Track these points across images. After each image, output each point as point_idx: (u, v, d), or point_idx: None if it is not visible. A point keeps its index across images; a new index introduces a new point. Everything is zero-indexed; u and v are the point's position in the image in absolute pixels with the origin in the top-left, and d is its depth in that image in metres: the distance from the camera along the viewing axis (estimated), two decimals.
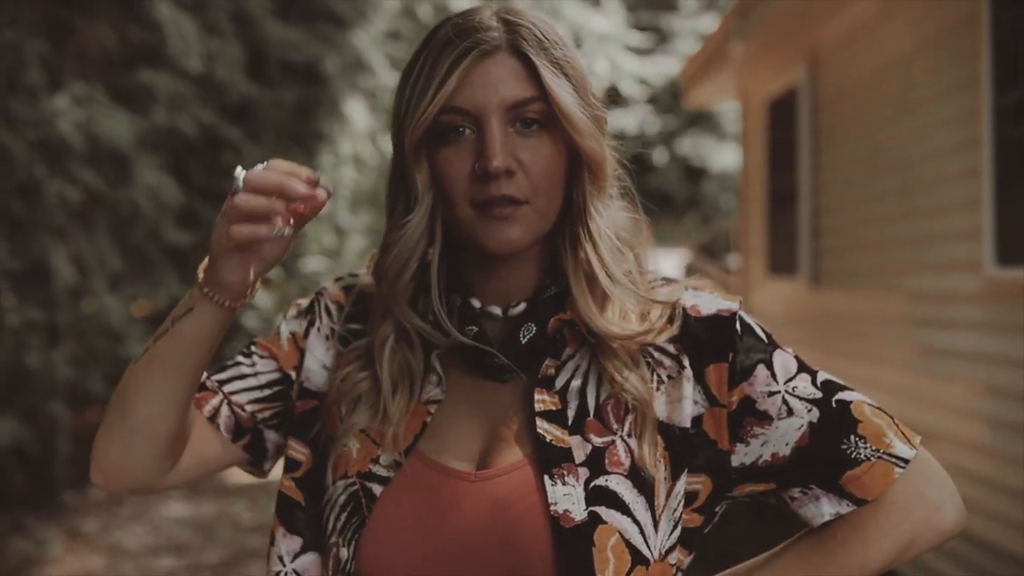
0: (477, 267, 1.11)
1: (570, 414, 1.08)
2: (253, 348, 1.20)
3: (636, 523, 1.04)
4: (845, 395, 1.09)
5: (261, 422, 1.18)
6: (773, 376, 1.08)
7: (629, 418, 1.08)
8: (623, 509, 1.04)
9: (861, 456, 1.07)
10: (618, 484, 1.05)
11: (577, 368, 1.10)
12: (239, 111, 6.84)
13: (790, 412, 1.07)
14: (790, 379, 1.08)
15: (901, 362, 5.05)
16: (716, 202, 21.89)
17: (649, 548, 1.05)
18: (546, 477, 1.04)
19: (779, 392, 1.08)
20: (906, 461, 1.07)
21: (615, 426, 1.07)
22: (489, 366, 1.09)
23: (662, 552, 1.06)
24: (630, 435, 1.07)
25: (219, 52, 6.23)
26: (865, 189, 5.63)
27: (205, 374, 1.16)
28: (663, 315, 1.09)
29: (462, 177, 1.05)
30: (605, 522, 1.04)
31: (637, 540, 1.04)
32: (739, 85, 8.13)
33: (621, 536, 1.04)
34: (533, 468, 1.06)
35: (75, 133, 5.20)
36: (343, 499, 1.10)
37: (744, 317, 1.10)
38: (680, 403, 1.08)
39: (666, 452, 1.07)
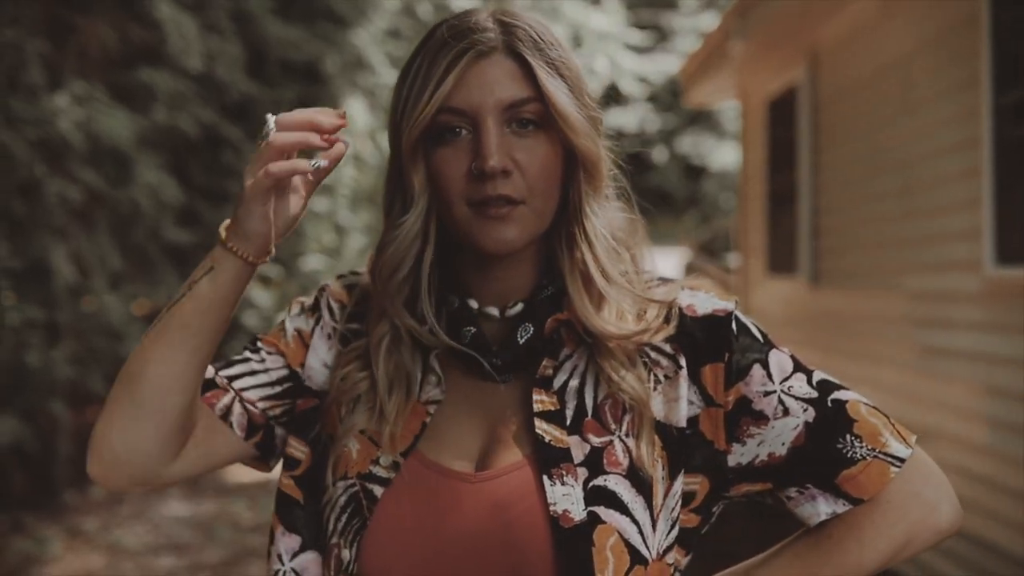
0: (474, 267, 1.11)
1: (568, 414, 1.08)
2: (259, 344, 1.19)
3: (635, 523, 1.05)
4: (841, 394, 1.09)
5: (272, 419, 1.17)
6: (769, 376, 1.08)
7: (627, 418, 1.08)
8: (622, 509, 1.05)
9: (857, 455, 1.07)
10: (617, 484, 1.05)
11: (575, 368, 1.10)
12: (239, 110, 6.83)
13: (786, 412, 1.08)
14: (786, 379, 1.09)
15: (901, 362, 5.05)
16: (716, 201, 21.89)
17: (648, 548, 1.05)
18: (545, 477, 1.05)
19: (775, 392, 1.08)
20: (902, 460, 1.07)
21: (613, 426, 1.08)
22: (486, 366, 1.09)
23: (660, 552, 1.06)
24: (628, 435, 1.07)
25: (219, 51, 6.23)
26: (865, 189, 5.63)
27: (212, 369, 1.15)
28: (659, 315, 1.09)
29: (459, 177, 1.05)
30: (604, 522, 1.04)
31: (636, 540, 1.04)
32: (739, 84, 8.13)
33: (620, 536, 1.04)
34: (532, 468, 1.06)
35: (75, 132, 5.20)
36: (343, 500, 1.10)
37: (740, 317, 1.11)
38: (676, 403, 1.08)
39: (663, 452, 1.08)
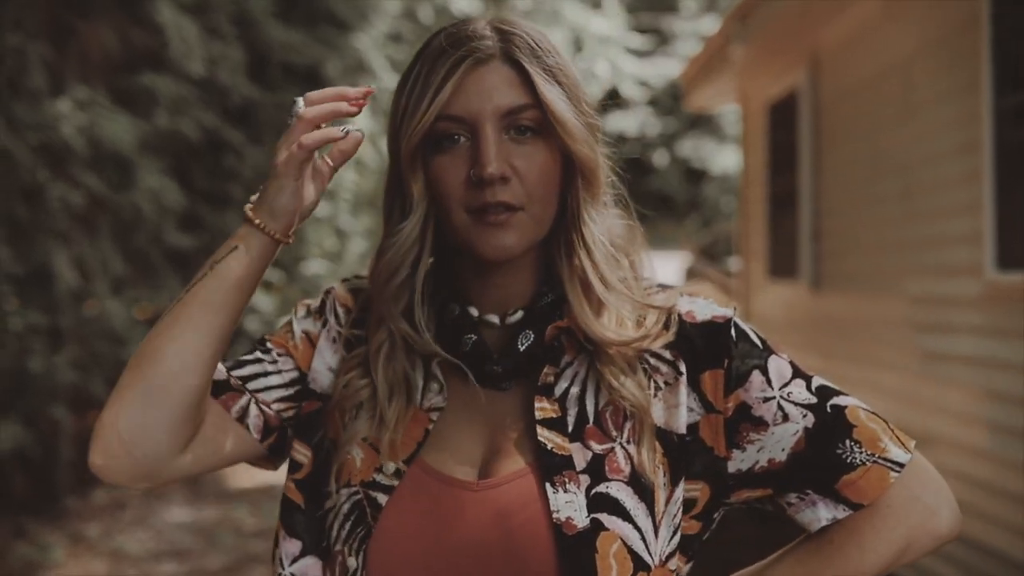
0: (473, 275, 1.12)
1: (570, 421, 1.08)
2: (269, 345, 1.18)
3: (637, 529, 1.05)
4: (840, 400, 1.10)
5: (285, 421, 1.16)
6: (768, 382, 1.09)
7: (628, 425, 1.08)
8: (624, 516, 1.05)
9: (857, 461, 1.07)
10: (619, 491, 1.06)
11: (576, 375, 1.11)
12: (241, 114, 6.84)
13: (785, 418, 1.08)
14: (785, 384, 1.09)
15: (902, 366, 5.05)
16: (717, 204, 21.89)
17: (650, 554, 1.05)
18: (548, 485, 1.05)
19: (774, 398, 1.08)
20: (901, 465, 1.08)
21: (614, 433, 1.08)
22: (488, 374, 1.10)
23: (662, 558, 1.07)
24: (629, 442, 1.08)
25: (221, 55, 6.24)
26: (866, 192, 5.63)
27: (223, 369, 1.14)
28: (659, 321, 1.10)
29: (458, 184, 1.05)
30: (607, 529, 1.04)
31: (639, 546, 1.05)
32: (739, 88, 8.14)
33: (623, 542, 1.04)
34: (535, 476, 1.06)
35: (77, 137, 5.21)
36: (347, 508, 1.10)
37: (739, 323, 1.11)
38: (677, 409, 1.09)
39: (664, 458, 1.08)
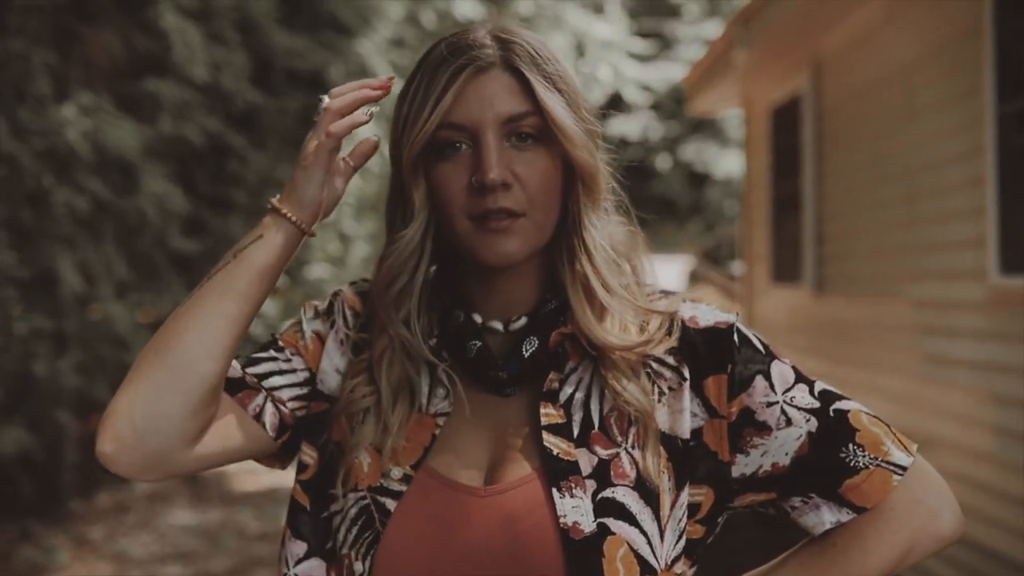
0: (477, 282, 1.13)
1: (575, 427, 1.09)
2: (281, 344, 1.18)
3: (643, 534, 1.06)
4: (842, 404, 1.11)
5: (299, 420, 1.17)
6: (771, 387, 1.10)
7: (632, 430, 1.09)
8: (631, 520, 1.06)
9: (860, 464, 1.08)
10: (625, 495, 1.06)
11: (580, 381, 1.11)
12: (244, 119, 6.85)
13: (789, 422, 1.09)
14: (788, 389, 1.10)
15: (905, 370, 5.06)
16: (720, 208, 21.88)
17: (656, 558, 1.06)
18: (555, 490, 1.06)
19: (777, 402, 1.09)
20: (904, 469, 1.09)
21: (619, 438, 1.09)
22: (493, 380, 1.11)
23: (668, 562, 1.07)
24: (634, 447, 1.08)
25: (224, 60, 6.25)
26: (869, 196, 5.64)
27: (238, 366, 1.15)
28: (662, 326, 1.11)
29: (459, 190, 1.07)
30: (614, 533, 1.05)
31: (645, 550, 1.06)
32: (742, 92, 8.15)
33: (629, 547, 1.05)
34: (541, 481, 1.07)
35: (82, 142, 5.22)
36: (354, 512, 1.11)
37: (741, 329, 1.12)
38: (681, 414, 1.10)
39: (669, 463, 1.09)
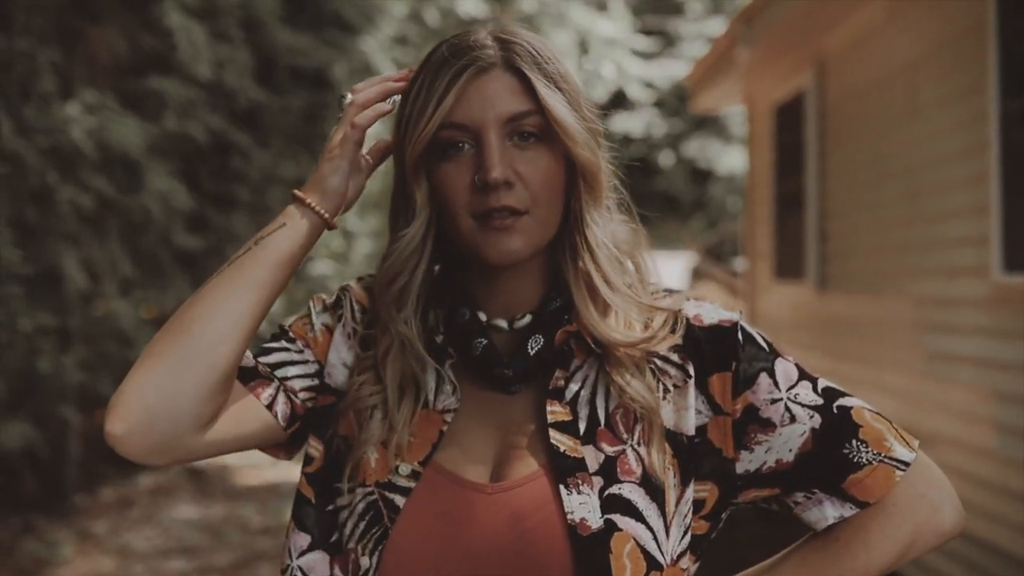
0: (480, 280, 1.14)
1: (581, 424, 1.10)
2: (292, 334, 1.18)
3: (650, 530, 1.07)
4: (845, 401, 1.12)
5: (308, 411, 1.17)
6: (775, 384, 1.11)
7: (638, 427, 1.10)
8: (637, 516, 1.07)
9: (863, 460, 1.09)
10: (631, 492, 1.07)
11: (585, 379, 1.12)
12: (248, 116, 6.86)
13: (793, 419, 1.10)
14: (792, 386, 1.11)
15: (908, 367, 5.06)
16: (723, 204, 21.87)
17: (662, 554, 1.07)
18: (562, 487, 1.07)
19: (782, 399, 1.10)
20: (906, 464, 1.10)
21: (625, 435, 1.10)
22: (498, 377, 1.12)
23: (674, 558, 1.08)
24: (640, 443, 1.09)
25: (228, 58, 6.26)
26: (872, 194, 5.64)
27: (250, 356, 1.15)
28: (666, 323, 1.12)
29: (463, 190, 1.08)
30: (621, 529, 1.06)
31: (651, 546, 1.07)
32: (745, 90, 8.15)
33: (636, 543, 1.06)
34: (548, 478, 1.08)
35: (87, 140, 5.23)
36: (361, 507, 1.11)
37: (745, 327, 1.13)
38: (686, 411, 1.11)
39: (674, 459, 1.10)
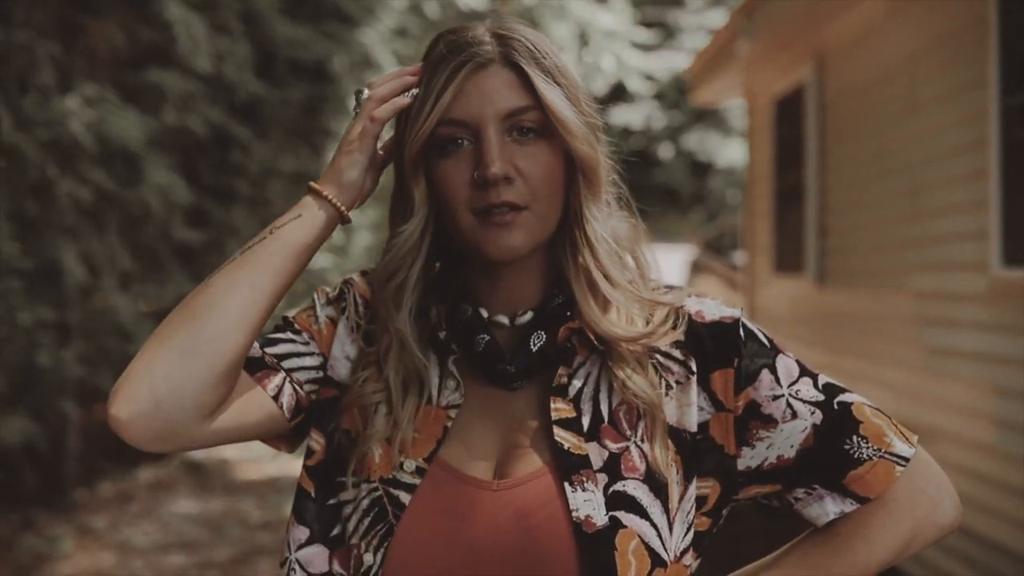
0: (481, 277, 1.14)
1: (585, 421, 1.10)
2: (297, 326, 1.18)
3: (654, 526, 1.07)
4: (846, 397, 1.12)
5: (312, 403, 1.17)
6: (777, 380, 1.11)
7: (641, 424, 1.10)
8: (641, 513, 1.07)
9: (864, 456, 1.10)
10: (635, 489, 1.08)
11: (589, 375, 1.12)
12: (248, 110, 6.85)
13: (794, 415, 1.10)
14: (793, 383, 1.11)
15: (907, 361, 5.07)
16: (723, 197, 21.86)
17: (666, 550, 1.07)
18: (566, 484, 1.07)
19: (783, 396, 1.11)
20: (906, 460, 1.10)
21: (629, 432, 1.10)
22: (500, 373, 1.11)
23: (678, 554, 1.09)
24: (643, 440, 1.09)
25: (228, 51, 6.24)
26: (872, 188, 5.64)
27: (257, 345, 1.14)
28: (668, 318, 1.12)
29: (462, 186, 1.07)
30: (625, 526, 1.06)
31: (655, 543, 1.07)
32: (745, 83, 8.15)
33: (640, 539, 1.06)
34: (552, 476, 1.08)
35: (86, 133, 5.22)
36: (366, 503, 1.11)
37: (747, 323, 1.13)
38: (688, 408, 1.11)
39: (678, 456, 1.10)
